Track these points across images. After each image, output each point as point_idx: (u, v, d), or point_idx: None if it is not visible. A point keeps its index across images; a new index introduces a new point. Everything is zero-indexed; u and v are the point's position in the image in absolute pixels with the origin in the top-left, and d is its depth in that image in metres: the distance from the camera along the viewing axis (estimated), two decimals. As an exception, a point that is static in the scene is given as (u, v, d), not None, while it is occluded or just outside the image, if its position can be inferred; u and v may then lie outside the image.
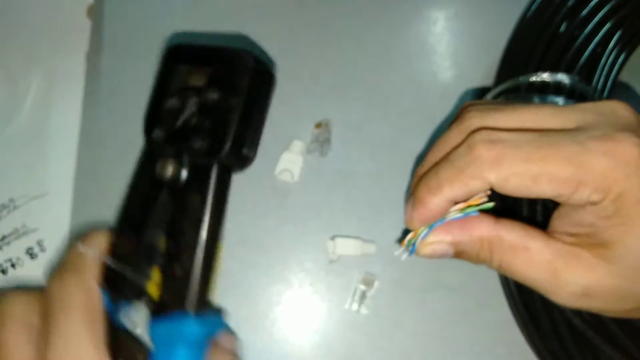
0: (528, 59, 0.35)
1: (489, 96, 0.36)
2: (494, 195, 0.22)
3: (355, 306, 0.35)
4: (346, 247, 0.35)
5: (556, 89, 0.33)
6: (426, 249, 0.22)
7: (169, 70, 0.28)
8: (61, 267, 0.24)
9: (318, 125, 0.38)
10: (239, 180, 0.37)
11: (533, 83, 0.33)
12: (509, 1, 0.39)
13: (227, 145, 0.26)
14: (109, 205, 0.27)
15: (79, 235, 0.30)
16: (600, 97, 0.33)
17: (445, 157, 0.21)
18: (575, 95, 0.32)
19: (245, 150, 0.28)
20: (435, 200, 0.21)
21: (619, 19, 0.34)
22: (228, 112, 0.26)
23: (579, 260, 0.20)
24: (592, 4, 0.34)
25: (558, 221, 0.22)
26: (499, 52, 0.38)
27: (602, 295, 0.20)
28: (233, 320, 0.34)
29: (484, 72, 0.39)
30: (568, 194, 0.19)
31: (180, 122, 0.27)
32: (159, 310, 0.25)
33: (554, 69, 0.33)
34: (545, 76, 0.33)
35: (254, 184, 0.38)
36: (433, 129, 0.38)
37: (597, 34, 0.34)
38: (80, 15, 0.41)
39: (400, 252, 0.25)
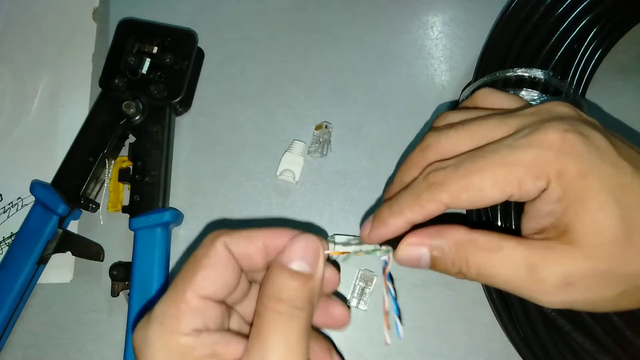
0: (506, 55, 0.35)
1: (467, 91, 0.36)
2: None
3: (354, 302, 0.35)
4: (346, 245, 0.36)
5: (531, 83, 0.33)
6: (406, 250, 0.23)
7: (124, 37, 0.38)
8: None
9: (318, 127, 0.39)
10: (241, 180, 0.38)
11: (509, 78, 0.34)
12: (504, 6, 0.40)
13: (182, 93, 0.37)
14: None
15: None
16: (575, 92, 0.34)
17: (405, 188, 0.24)
18: (550, 89, 0.33)
19: (188, 99, 0.39)
20: (396, 221, 0.23)
21: (595, 16, 0.35)
22: (181, 71, 0.38)
23: (553, 251, 0.20)
24: (569, 0, 0.35)
25: (526, 224, 0.23)
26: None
27: (584, 281, 0.20)
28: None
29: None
30: (516, 192, 0.21)
31: (139, 75, 0.37)
32: (133, 210, 0.35)
33: (530, 65, 0.34)
34: (521, 71, 0.33)
35: (256, 183, 0.38)
36: (430, 131, 0.39)
37: (573, 31, 0.34)
38: (86, 18, 0.42)
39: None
